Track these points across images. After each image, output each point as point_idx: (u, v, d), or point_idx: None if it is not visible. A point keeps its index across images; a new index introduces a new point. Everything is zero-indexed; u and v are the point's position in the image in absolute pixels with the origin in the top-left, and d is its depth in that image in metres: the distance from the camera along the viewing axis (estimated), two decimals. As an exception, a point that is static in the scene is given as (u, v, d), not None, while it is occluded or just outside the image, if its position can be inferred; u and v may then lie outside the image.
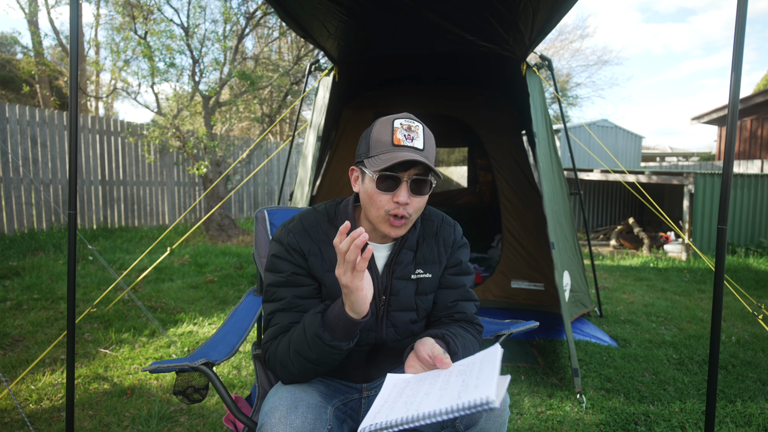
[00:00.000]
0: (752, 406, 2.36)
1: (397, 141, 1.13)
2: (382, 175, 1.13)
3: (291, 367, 1.13)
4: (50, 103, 9.58)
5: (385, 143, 1.14)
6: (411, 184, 1.14)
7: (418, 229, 1.30)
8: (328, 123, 3.51)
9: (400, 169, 1.13)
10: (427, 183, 1.16)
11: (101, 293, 3.76)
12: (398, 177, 1.13)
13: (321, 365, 1.11)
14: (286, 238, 1.21)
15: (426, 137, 1.17)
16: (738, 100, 1.61)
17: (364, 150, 1.18)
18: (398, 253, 1.26)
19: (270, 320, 1.20)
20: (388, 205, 1.15)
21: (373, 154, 1.15)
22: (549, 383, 2.60)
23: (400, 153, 1.11)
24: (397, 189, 1.14)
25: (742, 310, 4.08)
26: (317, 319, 1.08)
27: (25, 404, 2.26)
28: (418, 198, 1.16)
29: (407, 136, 1.14)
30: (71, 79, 1.70)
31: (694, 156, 21.62)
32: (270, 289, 1.21)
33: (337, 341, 1.06)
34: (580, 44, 25.67)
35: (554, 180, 3.05)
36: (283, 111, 9.23)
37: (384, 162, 1.11)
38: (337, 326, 1.05)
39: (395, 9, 2.59)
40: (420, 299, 1.27)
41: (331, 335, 1.06)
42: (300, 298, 1.19)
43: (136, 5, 7.07)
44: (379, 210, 1.16)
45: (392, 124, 1.15)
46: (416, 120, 1.18)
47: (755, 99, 11.06)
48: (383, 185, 1.14)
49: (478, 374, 0.94)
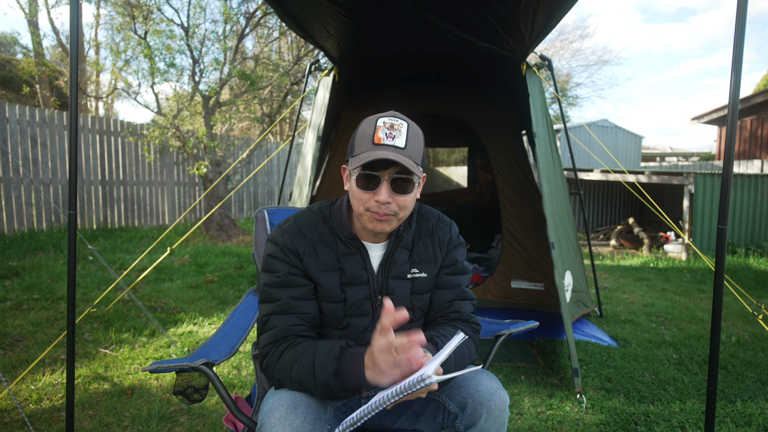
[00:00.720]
0: (752, 406, 2.36)
1: (378, 140, 1.12)
2: (362, 174, 1.13)
3: (289, 384, 1.13)
4: (50, 103, 9.58)
5: (367, 142, 1.14)
6: (392, 183, 1.13)
7: (413, 228, 1.29)
8: (328, 123, 3.51)
9: (379, 168, 1.12)
10: (410, 182, 1.15)
11: (101, 293, 3.76)
12: (377, 176, 1.13)
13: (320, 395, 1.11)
14: (281, 239, 1.21)
15: (410, 135, 1.15)
16: (738, 100, 1.61)
17: (350, 148, 1.19)
18: (393, 252, 1.26)
19: (266, 322, 1.19)
20: (369, 203, 1.15)
21: (355, 153, 1.15)
22: (549, 383, 2.60)
23: (377, 152, 1.10)
24: (377, 188, 1.13)
25: (742, 310, 4.08)
26: (332, 367, 1.05)
27: (25, 404, 2.26)
28: (402, 197, 1.15)
29: (388, 134, 1.13)
30: (71, 79, 1.71)
31: (694, 156, 21.62)
32: (266, 290, 1.21)
33: (345, 392, 1.06)
34: (580, 44, 25.70)
35: (555, 180, 3.05)
36: (283, 111, 9.23)
37: (361, 161, 1.11)
38: (350, 381, 1.04)
39: (395, 10, 2.59)
40: (416, 299, 1.27)
41: (340, 386, 1.04)
42: (296, 299, 1.19)
43: (136, 5, 7.07)
44: (359, 207, 1.16)
45: (376, 123, 1.15)
46: (401, 118, 1.17)
47: (755, 99, 11.06)
48: (363, 184, 1.14)
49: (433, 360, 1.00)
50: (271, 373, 1.16)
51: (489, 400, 1.12)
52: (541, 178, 2.84)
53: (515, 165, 3.87)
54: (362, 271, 1.23)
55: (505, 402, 1.14)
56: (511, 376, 2.70)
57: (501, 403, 1.13)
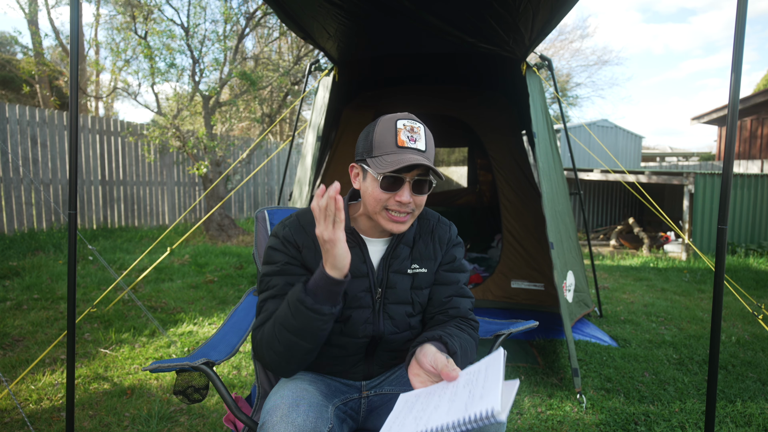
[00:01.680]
0: (752, 406, 2.36)
1: (401, 143, 1.16)
2: (388, 175, 1.16)
3: (276, 345, 1.11)
4: (50, 103, 9.58)
5: (389, 144, 1.16)
6: (413, 184, 1.18)
7: (414, 227, 1.33)
8: (328, 123, 3.51)
9: (403, 171, 1.16)
10: (428, 182, 1.20)
11: (101, 293, 3.76)
12: (402, 178, 1.16)
13: (305, 337, 1.10)
14: (282, 232, 1.25)
15: (427, 138, 1.20)
16: (738, 100, 1.61)
17: (367, 148, 1.20)
18: (395, 248, 1.29)
19: (261, 307, 1.21)
20: (390, 202, 1.18)
21: (376, 154, 1.17)
22: (549, 383, 2.61)
23: (406, 156, 1.14)
24: (400, 189, 1.17)
25: (742, 310, 4.08)
26: (299, 286, 1.09)
27: (25, 404, 2.26)
28: (420, 197, 1.20)
29: (410, 137, 1.17)
30: (71, 79, 1.71)
31: (694, 156, 21.62)
32: (264, 279, 1.23)
33: (319, 304, 1.06)
34: (580, 44, 25.69)
35: (555, 180, 3.05)
36: (283, 111, 9.23)
37: (390, 165, 1.14)
38: (318, 288, 1.07)
39: (394, 11, 2.60)
40: (415, 293, 1.30)
41: (313, 299, 1.07)
42: (292, 286, 1.19)
43: (136, 5, 7.07)
44: (376, 206, 1.20)
45: (395, 125, 1.18)
46: (418, 120, 1.21)
47: (755, 99, 11.06)
48: (387, 186, 1.17)
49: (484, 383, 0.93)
50: (259, 347, 1.16)
51: (489, 400, 1.13)
52: (541, 178, 2.84)
53: (515, 165, 3.87)
54: (362, 264, 1.25)
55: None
56: (511, 376, 2.70)
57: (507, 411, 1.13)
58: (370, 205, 1.21)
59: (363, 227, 1.29)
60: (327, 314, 1.08)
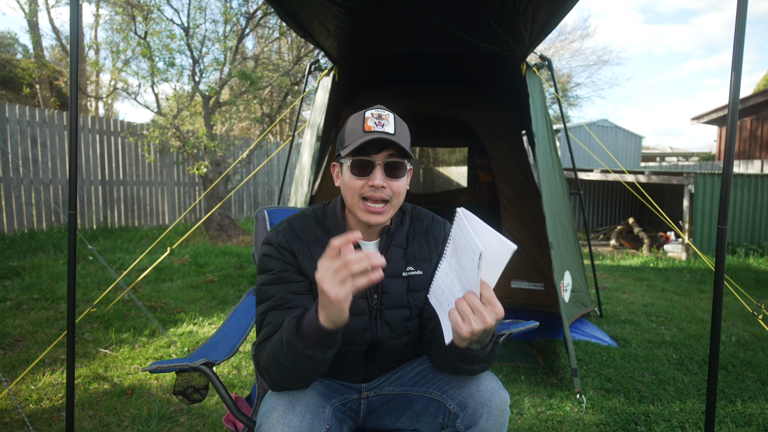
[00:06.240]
0: (752, 406, 2.36)
1: (368, 128, 1.15)
2: (355, 159, 1.15)
3: (273, 373, 1.06)
4: (50, 103, 9.59)
5: (357, 132, 1.16)
6: (385, 167, 1.16)
7: (406, 227, 1.30)
8: (327, 123, 3.51)
9: (372, 152, 1.15)
10: (402, 166, 1.18)
11: (101, 293, 3.76)
12: (371, 161, 1.15)
13: (300, 375, 1.04)
14: (275, 239, 1.22)
15: (397, 124, 1.19)
16: (738, 100, 1.61)
17: (340, 143, 1.21)
18: (387, 250, 1.25)
19: (262, 321, 1.16)
20: (364, 189, 1.16)
21: (346, 145, 1.17)
22: (549, 383, 2.60)
23: (370, 136, 1.13)
24: (371, 173, 1.16)
25: (742, 310, 4.08)
26: (292, 324, 1.01)
27: (25, 404, 2.26)
28: (395, 182, 1.17)
29: (378, 123, 1.16)
30: (71, 79, 1.71)
31: (694, 156, 21.61)
32: (261, 289, 1.19)
33: (311, 350, 0.98)
34: (581, 44, 25.65)
35: (554, 180, 3.05)
36: (283, 111, 9.23)
37: (354, 146, 1.13)
38: (310, 334, 0.98)
39: (394, 10, 2.60)
40: (412, 296, 1.27)
41: (304, 343, 0.98)
42: (292, 293, 1.17)
43: (136, 5, 7.06)
44: (353, 197, 1.17)
45: (363, 115, 1.18)
46: (387, 110, 1.20)
47: (755, 99, 11.06)
48: (357, 170, 1.16)
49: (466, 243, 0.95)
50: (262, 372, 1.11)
51: (490, 400, 1.12)
52: (541, 178, 2.84)
53: (515, 165, 3.87)
54: None
55: (505, 402, 1.14)
56: (511, 376, 2.70)
57: (502, 402, 1.13)
58: (349, 197, 1.19)
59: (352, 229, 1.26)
60: (320, 360, 1.01)
